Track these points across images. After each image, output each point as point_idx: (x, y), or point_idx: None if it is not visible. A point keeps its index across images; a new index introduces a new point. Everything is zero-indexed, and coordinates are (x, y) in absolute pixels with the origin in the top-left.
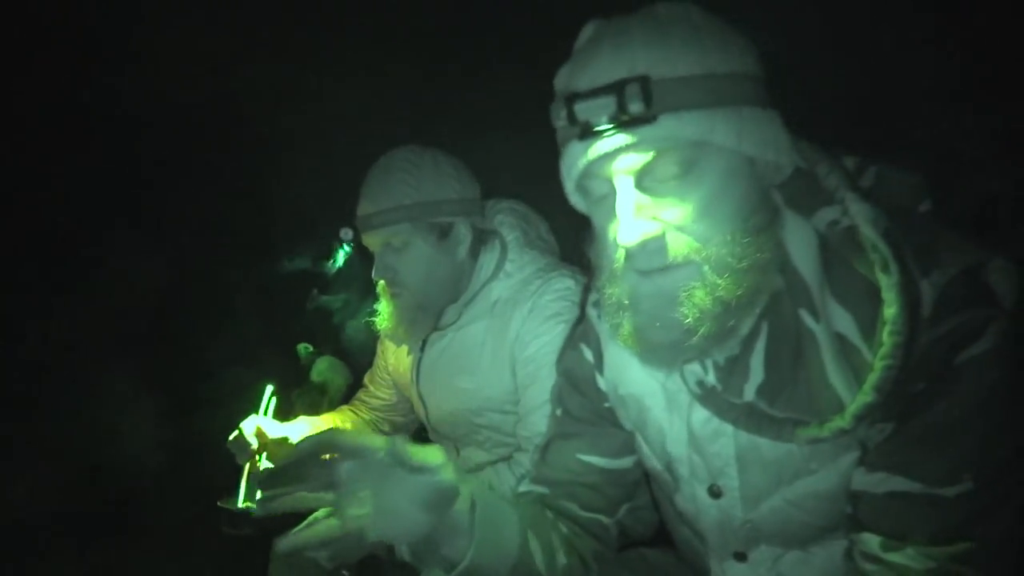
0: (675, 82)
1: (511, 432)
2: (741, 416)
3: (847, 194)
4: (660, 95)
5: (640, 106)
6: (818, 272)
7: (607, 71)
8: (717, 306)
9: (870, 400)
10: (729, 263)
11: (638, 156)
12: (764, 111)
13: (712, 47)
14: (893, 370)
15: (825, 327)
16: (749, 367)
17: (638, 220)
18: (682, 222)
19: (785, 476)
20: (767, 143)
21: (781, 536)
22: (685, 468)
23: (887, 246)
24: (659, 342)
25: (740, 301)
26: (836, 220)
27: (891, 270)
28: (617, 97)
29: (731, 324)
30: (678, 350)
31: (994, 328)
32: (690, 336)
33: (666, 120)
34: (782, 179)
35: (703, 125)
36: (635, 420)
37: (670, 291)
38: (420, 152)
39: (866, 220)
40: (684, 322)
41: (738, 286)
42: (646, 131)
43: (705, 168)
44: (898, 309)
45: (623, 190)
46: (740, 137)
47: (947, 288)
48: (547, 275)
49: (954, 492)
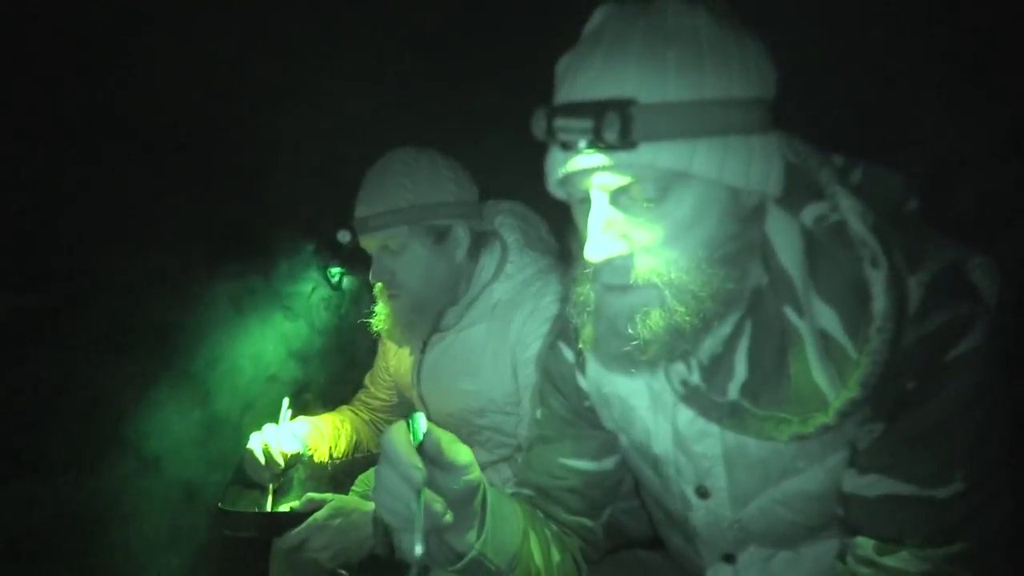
0: (660, 109)
1: (512, 433)
2: (725, 415)
3: (837, 189)
4: (641, 122)
5: (615, 136)
6: (803, 268)
7: (593, 86)
8: (669, 332)
9: (854, 395)
10: (691, 290)
11: (615, 177)
12: (757, 138)
13: (710, 70)
14: (879, 366)
15: (809, 323)
16: (733, 365)
17: (607, 237)
18: (650, 244)
19: (772, 475)
20: (751, 174)
21: (770, 536)
22: (672, 468)
23: (877, 241)
24: (613, 352)
25: (694, 329)
26: (824, 215)
27: (880, 265)
28: (595, 122)
29: (683, 347)
30: (631, 361)
31: (981, 325)
32: (641, 352)
33: (645, 148)
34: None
35: (683, 155)
36: (619, 420)
37: (628, 307)
38: (417, 154)
39: (856, 215)
40: (634, 340)
41: (696, 314)
42: (623, 156)
43: (681, 196)
44: (887, 305)
45: (597, 206)
46: (721, 168)
47: (932, 285)
48: (547, 276)
49: (947, 493)
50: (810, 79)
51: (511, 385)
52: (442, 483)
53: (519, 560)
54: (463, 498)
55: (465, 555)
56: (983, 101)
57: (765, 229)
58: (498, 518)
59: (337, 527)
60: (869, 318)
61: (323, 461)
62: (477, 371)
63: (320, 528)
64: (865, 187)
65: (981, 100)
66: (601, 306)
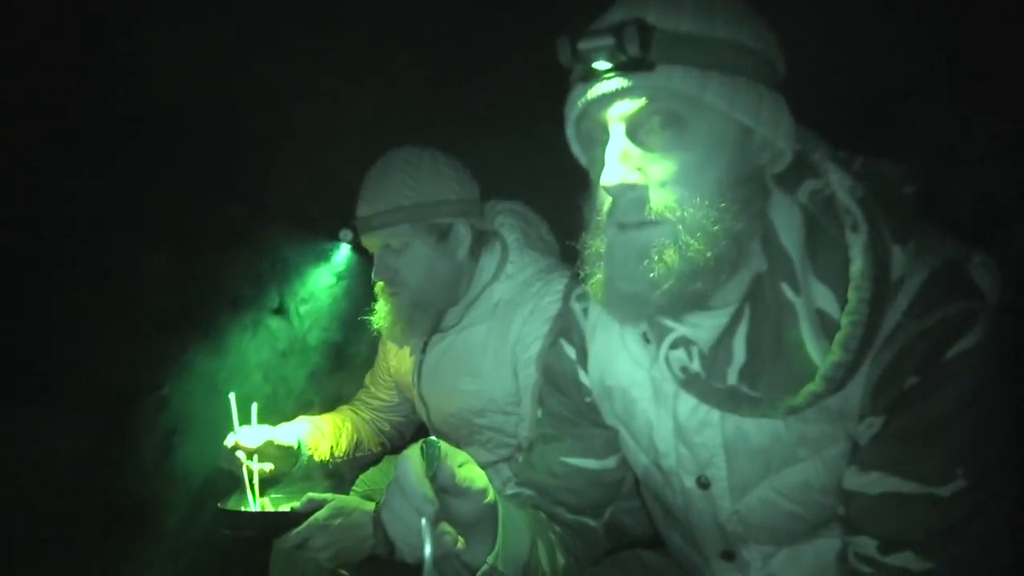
0: (676, 36)
1: (513, 433)
2: (724, 400)
3: (829, 164)
4: (659, 44)
5: (636, 49)
6: (802, 247)
7: (612, 15)
8: (684, 265)
9: (837, 359)
10: (703, 224)
11: (631, 102)
12: (767, 88)
13: (722, 14)
14: (860, 327)
15: (805, 301)
16: (732, 350)
17: (622, 166)
18: (665, 178)
19: (773, 464)
20: (762, 117)
21: (770, 531)
22: (672, 460)
23: (860, 208)
24: (624, 293)
25: (708, 264)
26: (818, 190)
27: (859, 229)
28: (615, 37)
29: (696, 287)
30: (641, 302)
31: (982, 321)
32: (653, 290)
33: (661, 70)
34: (782, 166)
35: (695, 82)
36: (620, 413)
37: (642, 245)
38: (419, 153)
39: (842, 186)
40: (649, 276)
41: (708, 248)
42: (641, 78)
43: (695, 128)
44: (862, 265)
45: (615, 136)
46: (732, 102)
47: (933, 279)
48: (548, 276)
49: (949, 491)
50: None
51: (511, 385)
52: (455, 508)
53: (529, 569)
54: (476, 520)
55: (478, 570)
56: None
57: (768, 212)
58: (509, 531)
59: (338, 527)
60: (848, 279)
61: (324, 460)
62: (477, 371)
63: (321, 528)
64: (863, 172)
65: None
66: (613, 249)
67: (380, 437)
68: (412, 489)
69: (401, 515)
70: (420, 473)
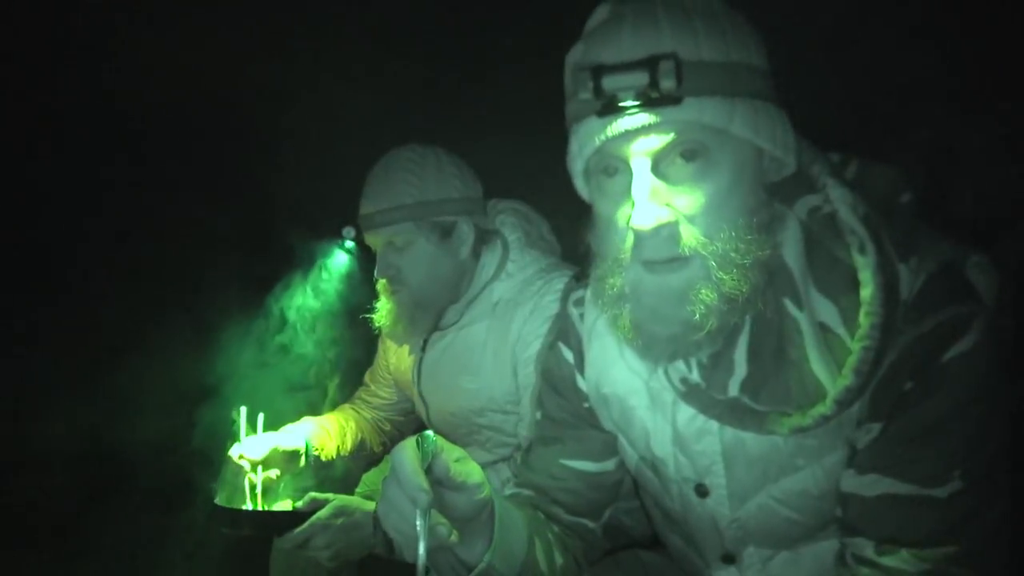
0: (700, 66)
1: (512, 432)
2: (725, 412)
3: (828, 180)
4: (689, 75)
5: (672, 83)
6: (802, 262)
7: (636, 46)
8: (723, 302)
9: (849, 383)
10: (733, 259)
11: (658, 137)
12: (775, 107)
13: (732, 37)
14: (871, 351)
15: (808, 316)
16: (733, 362)
17: (653, 204)
18: (693, 211)
19: (771, 473)
20: (777, 138)
21: (769, 536)
22: (671, 468)
23: (865, 229)
24: (660, 335)
25: (743, 296)
26: (817, 207)
27: (867, 251)
28: (650, 72)
29: (734, 320)
30: (677, 344)
31: (978, 324)
32: (694, 331)
33: (690, 103)
34: (782, 176)
35: (724, 112)
36: (618, 420)
37: (677, 287)
38: (422, 151)
39: (844, 204)
40: (691, 318)
41: (742, 282)
42: (670, 112)
43: (720, 158)
44: (874, 289)
45: (640, 173)
46: (756, 129)
47: (929, 284)
48: (548, 275)
49: (946, 492)
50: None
51: (511, 384)
52: (450, 502)
53: (526, 568)
54: (472, 515)
55: (475, 567)
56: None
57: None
58: (506, 529)
59: (339, 526)
60: (859, 304)
61: (331, 459)
62: (477, 370)
63: (323, 527)
64: (859, 180)
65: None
66: (641, 290)
67: (381, 437)
68: (407, 479)
69: (396, 505)
70: (415, 464)
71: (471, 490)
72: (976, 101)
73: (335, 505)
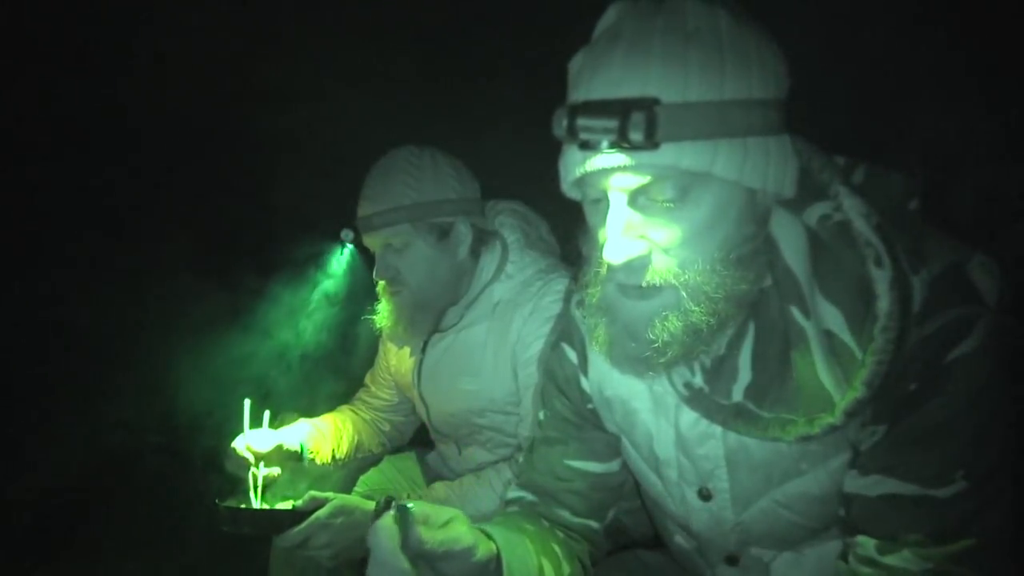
0: (684, 108)
1: (513, 432)
2: (729, 417)
3: (840, 188)
4: (665, 122)
5: (640, 136)
6: (808, 268)
7: (616, 84)
8: (687, 333)
9: (860, 396)
10: (706, 292)
11: (634, 178)
12: (774, 139)
13: (731, 70)
14: (884, 365)
15: (815, 324)
16: (737, 367)
17: (626, 239)
18: (668, 244)
19: (775, 477)
20: (769, 175)
21: (772, 538)
22: (674, 471)
23: (880, 241)
24: (628, 355)
25: (711, 327)
26: (828, 215)
27: (884, 265)
28: (620, 121)
29: (700, 348)
30: (646, 365)
31: (982, 325)
32: (658, 356)
33: (668, 148)
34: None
35: (705, 156)
36: (621, 422)
37: (645, 313)
38: (420, 152)
39: (859, 215)
40: (653, 344)
41: (711, 315)
42: (645, 156)
43: (700, 197)
44: (890, 304)
45: (615, 207)
46: (742, 170)
47: (933, 286)
48: (548, 276)
49: (948, 492)
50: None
51: (511, 385)
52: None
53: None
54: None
55: None
56: (983, 101)
57: (770, 229)
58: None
59: (339, 526)
60: (874, 317)
61: (326, 463)
62: (478, 371)
63: (322, 526)
64: (867, 187)
65: (981, 100)
66: (615, 308)
67: (380, 437)
68: (386, 562)
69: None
70: (394, 546)
71: (461, 555)
72: (976, 101)
73: (335, 504)
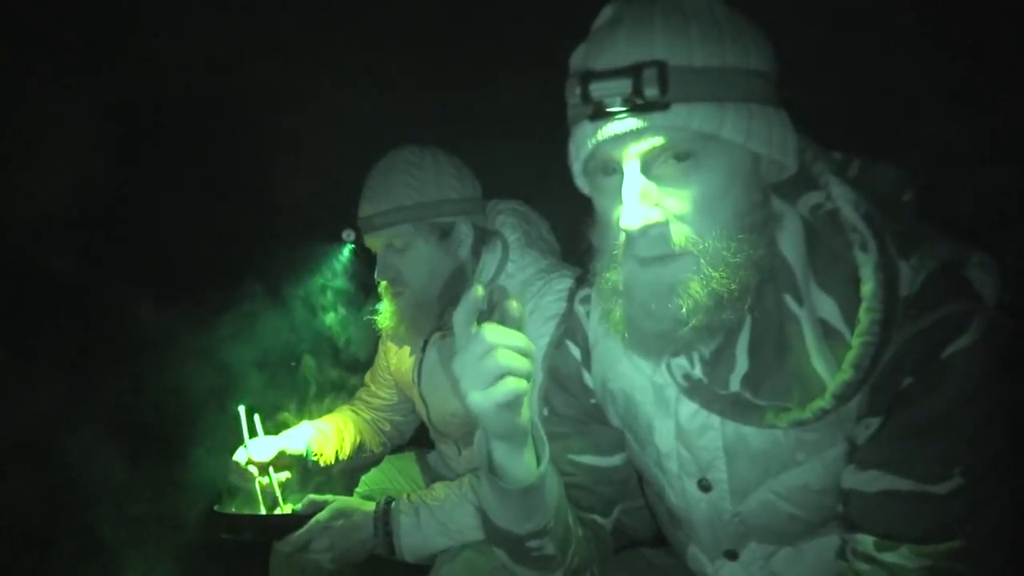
0: (691, 72)
1: None
2: (727, 407)
3: (831, 178)
4: (676, 83)
5: (655, 91)
6: (803, 258)
7: (625, 53)
8: (711, 299)
9: (848, 378)
10: (724, 256)
11: (647, 141)
12: (773, 110)
13: (729, 41)
14: (871, 347)
15: (809, 312)
16: (734, 357)
17: (642, 206)
18: (683, 212)
19: (773, 468)
20: (773, 142)
21: (771, 531)
22: (674, 463)
23: (866, 226)
24: (648, 331)
25: (732, 295)
26: (819, 204)
27: (869, 248)
28: (633, 80)
29: (722, 317)
30: (666, 340)
31: (979, 321)
32: (680, 327)
33: (678, 109)
34: (784, 177)
35: (714, 118)
36: (623, 415)
37: (667, 281)
38: (420, 152)
39: (847, 201)
40: (677, 313)
41: (732, 280)
42: (658, 117)
43: (711, 161)
44: (874, 286)
45: (630, 175)
46: (748, 134)
47: (929, 282)
48: (548, 276)
49: (946, 489)
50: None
51: None
52: None
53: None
54: None
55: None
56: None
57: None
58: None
59: (339, 528)
60: (860, 300)
61: (330, 464)
62: None
63: (323, 530)
64: (861, 179)
65: (981, 100)
66: (635, 284)
67: (381, 437)
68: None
69: None
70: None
71: None
72: (976, 101)
73: (334, 507)
